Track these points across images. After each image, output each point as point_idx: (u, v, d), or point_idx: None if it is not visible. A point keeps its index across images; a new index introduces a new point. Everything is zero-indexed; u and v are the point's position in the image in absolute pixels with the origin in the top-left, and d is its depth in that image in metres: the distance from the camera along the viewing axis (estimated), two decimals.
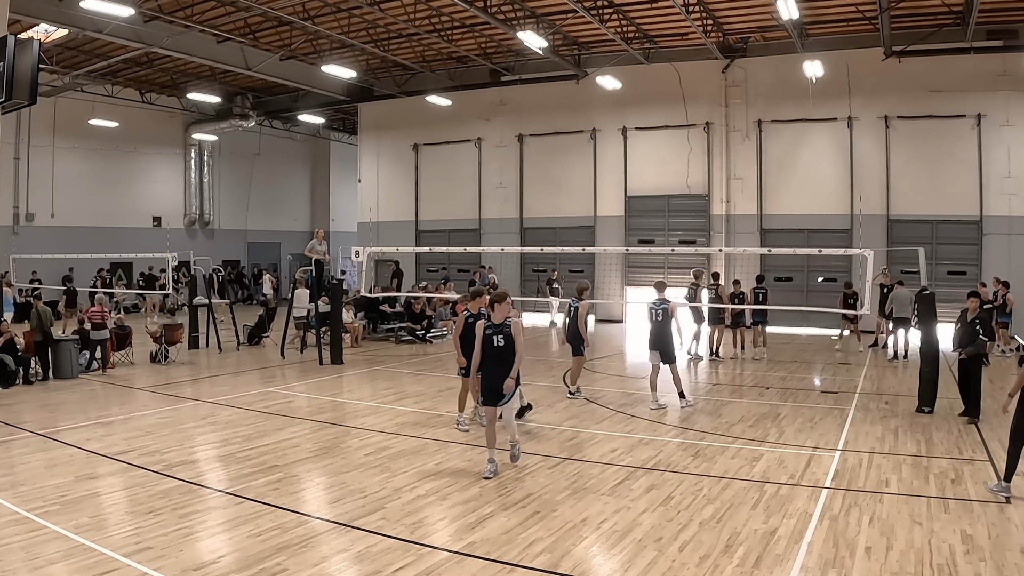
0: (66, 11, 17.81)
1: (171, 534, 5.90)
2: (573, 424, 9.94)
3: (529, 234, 25.78)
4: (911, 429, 9.55)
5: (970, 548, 5.63)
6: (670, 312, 10.97)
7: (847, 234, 20.84)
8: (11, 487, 7.06)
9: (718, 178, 23.12)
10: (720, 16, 20.22)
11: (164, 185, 30.87)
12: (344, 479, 7.46)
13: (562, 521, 6.26)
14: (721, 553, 5.58)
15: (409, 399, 11.83)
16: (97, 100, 26.88)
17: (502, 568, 5.35)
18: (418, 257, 27.78)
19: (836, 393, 12.18)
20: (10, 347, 12.79)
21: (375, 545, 5.74)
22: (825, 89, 20.93)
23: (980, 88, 19.68)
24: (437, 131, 27.68)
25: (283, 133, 34.43)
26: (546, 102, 25.35)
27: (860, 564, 5.35)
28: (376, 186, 29.34)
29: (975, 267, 19.89)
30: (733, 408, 11.02)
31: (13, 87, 10.79)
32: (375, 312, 19.98)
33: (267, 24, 21.28)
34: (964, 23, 18.07)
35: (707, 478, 7.48)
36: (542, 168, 25.90)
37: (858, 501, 6.73)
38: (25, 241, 24.82)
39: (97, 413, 10.64)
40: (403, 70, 26.31)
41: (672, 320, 10.97)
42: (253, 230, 34.64)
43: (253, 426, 9.79)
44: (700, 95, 23.00)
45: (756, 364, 15.53)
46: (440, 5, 19.69)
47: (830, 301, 20.23)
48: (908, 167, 20.82)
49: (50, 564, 5.32)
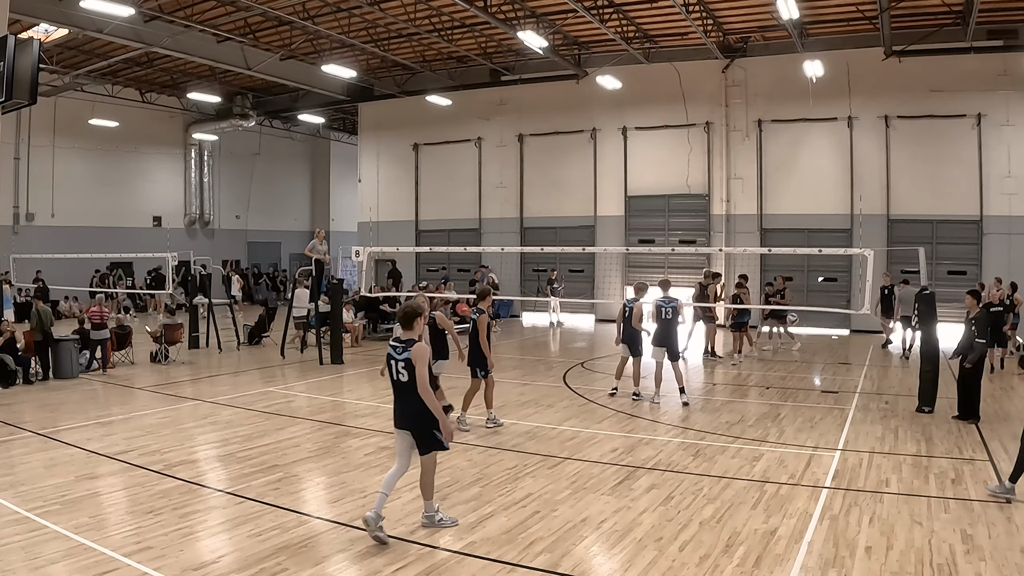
0: (66, 11, 17.81)
1: (171, 534, 5.90)
2: (573, 424, 9.94)
3: (529, 234, 25.77)
4: (911, 429, 9.55)
5: (970, 548, 5.63)
6: (678, 310, 11.26)
7: (847, 234, 20.83)
8: (11, 487, 7.06)
9: (718, 178, 23.11)
10: (720, 16, 20.21)
11: (164, 185, 30.89)
12: (344, 479, 7.46)
13: (562, 521, 6.26)
14: (721, 553, 5.58)
15: None
16: (97, 100, 26.88)
17: (502, 568, 5.35)
18: (418, 257, 27.78)
19: (836, 393, 12.18)
20: (10, 347, 12.80)
21: (375, 545, 5.74)
22: (825, 89, 20.91)
23: (980, 88, 19.67)
24: (437, 131, 27.67)
25: (283, 133, 34.44)
26: (546, 102, 25.34)
27: (860, 564, 5.34)
28: (376, 186, 29.33)
29: (975, 267, 19.88)
30: (733, 408, 11.02)
31: (13, 87, 10.81)
32: (375, 312, 19.98)
33: (267, 24, 21.27)
34: (964, 23, 18.06)
35: (707, 478, 7.48)
36: (542, 168, 25.90)
37: (858, 501, 6.73)
38: (25, 241, 24.82)
39: (97, 413, 10.64)
40: (403, 70, 26.30)
41: (678, 318, 11.22)
42: (253, 230, 34.65)
43: (253, 426, 9.79)
44: (700, 95, 22.99)
45: (754, 364, 15.53)
46: (440, 5, 19.68)
47: (830, 301, 20.29)
48: (908, 167, 20.81)
49: (50, 564, 5.32)
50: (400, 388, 5.97)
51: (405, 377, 5.88)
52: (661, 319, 11.30)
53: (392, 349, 6.00)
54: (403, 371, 5.89)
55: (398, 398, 6.01)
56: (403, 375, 5.89)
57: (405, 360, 5.86)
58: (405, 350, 5.88)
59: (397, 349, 5.95)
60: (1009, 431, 9.39)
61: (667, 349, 11.19)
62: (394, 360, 5.95)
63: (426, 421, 5.86)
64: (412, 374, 5.83)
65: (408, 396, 5.89)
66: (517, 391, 12.27)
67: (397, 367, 5.94)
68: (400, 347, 5.94)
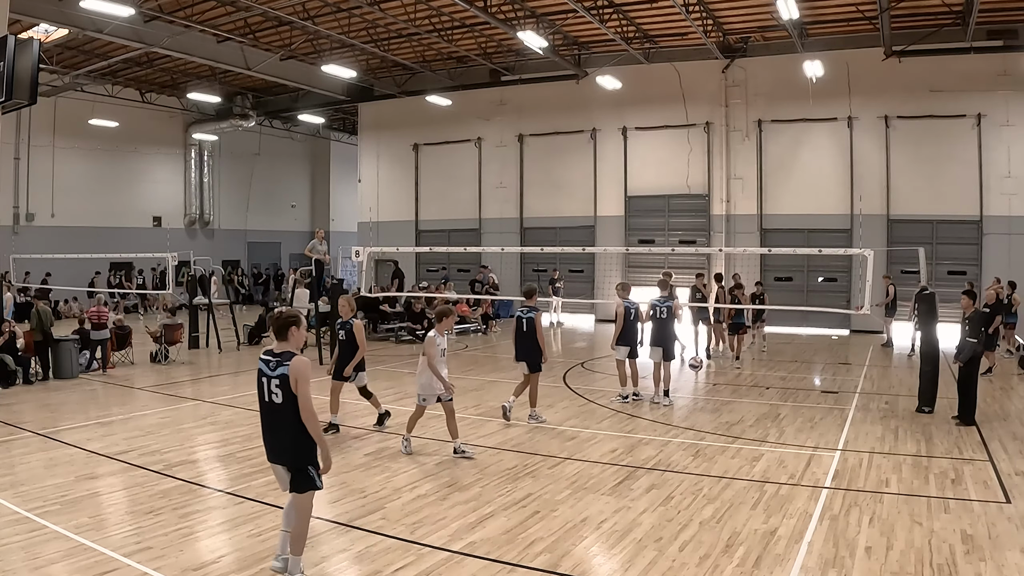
0: (66, 11, 17.81)
1: (171, 534, 5.90)
2: (573, 424, 9.94)
3: (529, 234, 25.78)
4: (911, 429, 9.55)
5: (970, 548, 5.63)
6: (673, 310, 11.26)
7: (847, 234, 20.83)
8: (11, 487, 7.06)
9: (718, 178, 23.11)
10: (720, 16, 20.22)
11: (164, 185, 30.88)
12: (344, 479, 7.46)
13: (562, 521, 6.26)
14: (721, 553, 5.58)
15: (409, 399, 11.76)
16: (97, 100, 26.87)
17: (502, 568, 5.35)
18: (418, 257, 27.78)
19: (836, 393, 12.19)
20: (10, 347, 12.80)
21: (375, 545, 5.74)
22: (825, 89, 20.92)
23: (980, 88, 19.68)
24: (437, 131, 27.67)
25: (283, 133, 34.43)
26: (546, 102, 25.34)
27: (860, 564, 5.34)
28: (376, 186, 29.33)
29: (975, 267, 19.89)
30: (733, 408, 11.02)
31: (13, 87, 10.81)
32: (375, 312, 19.98)
33: (267, 24, 21.27)
34: (964, 23, 18.06)
35: (707, 478, 7.48)
36: (542, 168, 25.90)
37: (858, 501, 6.73)
38: (25, 241, 24.81)
39: (97, 413, 10.64)
40: (403, 70, 26.30)
41: (675, 318, 11.25)
42: (253, 230, 34.65)
43: (253, 426, 9.73)
44: (700, 95, 22.99)
45: (753, 365, 15.52)
46: (440, 5, 19.69)
47: (830, 301, 20.28)
48: (908, 167, 20.82)
49: (50, 564, 5.32)
50: (272, 412, 4.92)
51: (279, 398, 4.86)
52: (656, 319, 11.30)
53: (263, 364, 4.94)
54: (276, 390, 4.85)
55: (268, 424, 4.98)
56: (276, 395, 4.86)
57: (280, 377, 4.83)
58: (280, 365, 4.85)
59: (270, 364, 4.90)
60: (1009, 431, 9.40)
61: (663, 349, 11.24)
62: (266, 377, 4.90)
63: (302, 453, 4.92)
64: (288, 394, 4.84)
65: (282, 422, 4.88)
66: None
67: (269, 386, 4.88)
68: (273, 361, 4.89)
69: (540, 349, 9.85)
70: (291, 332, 4.98)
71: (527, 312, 9.97)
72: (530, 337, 9.89)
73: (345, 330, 9.48)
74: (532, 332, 9.86)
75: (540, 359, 9.89)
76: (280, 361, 4.87)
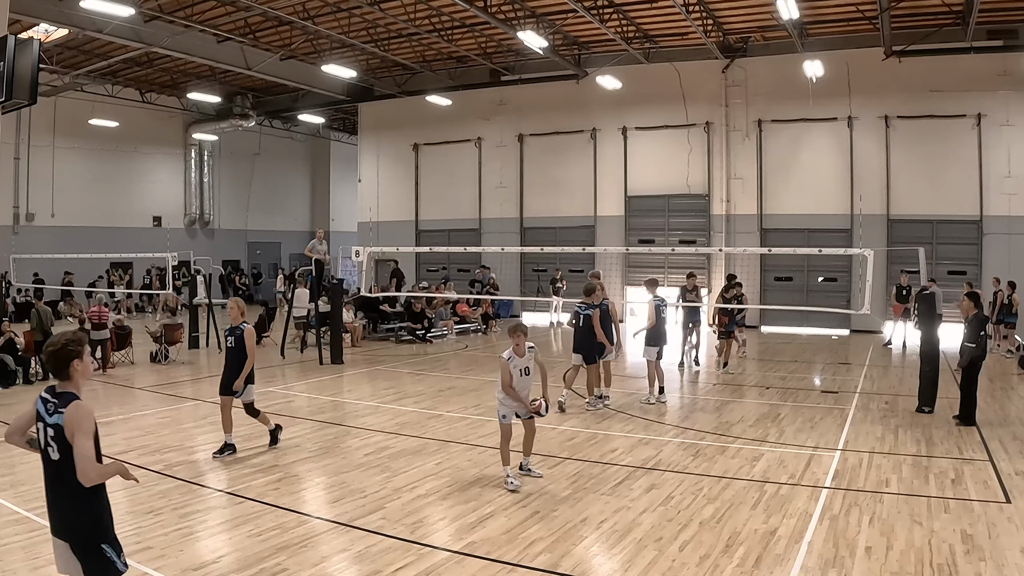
0: (66, 11, 17.80)
1: (171, 534, 5.90)
2: (573, 424, 9.93)
3: (529, 234, 25.77)
4: (911, 429, 9.55)
5: (970, 548, 5.63)
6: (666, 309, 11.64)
7: (847, 234, 20.82)
8: (11, 487, 7.06)
9: (718, 178, 23.11)
10: (720, 16, 20.21)
11: (164, 185, 30.87)
12: (344, 479, 7.46)
13: (562, 521, 6.26)
14: (721, 553, 5.58)
15: (409, 399, 11.83)
16: (97, 100, 26.86)
17: (502, 568, 5.35)
18: (418, 257, 27.78)
19: (836, 393, 12.19)
20: (10, 347, 12.80)
21: (375, 545, 5.74)
22: (825, 89, 20.91)
23: (980, 88, 19.67)
24: (437, 131, 27.66)
25: (283, 133, 34.42)
26: (546, 102, 25.33)
27: (860, 564, 5.34)
28: (376, 186, 29.33)
29: (975, 267, 19.89)
30: (733, 408, 11.03)
31: (13, 87, 10.81)
32: (375, 312, 19.99)
33: (267, 24, 21.27)
34: (964, 23, 18.06)
35: (707, 478, 7.48)
36: (542, 168, 25.89)
37: (858, 501, 6.73)
38: (25, 241, 24.81)
39: (97, 413, 10.55)
40: (403, 70, 26.30)
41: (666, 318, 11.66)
42: (253, 230, 34.66)
43: (253, 426, 9.76)
44: (700, 95, 22.98)
45: (753, 365, 15.51)
46: (440, 5, 19.68)
47: (831, 301, 20.28)
48: (908, 167, 20.81)
49: (50, 564, 5.26)
50: (51, 469, 3.66)
51: (55, 452, 3.60)
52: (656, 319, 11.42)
53: (40, 405, 3.73)
54: (52, 442, 3.61)
55: (48, 486, 3.71)
56: (52, 448, 3.61)
57: (55, 428, 3.59)
58: (57, 410, 3.62)
59: (48, 406, 3.68)
60: (1008, 432, 9.40)
61: (659, 349, 11.36)
62: (42, 423, 3.69)
63: (88, 528, 3.63)
64: (64, 448, 3.57)
65: (62, 486, 3.62)
66: None
67: (46, 436, 3.65)
68: (52, 404, 3.67)
69: (598, 343, 10.48)
70: (73, 368, 3.72)
71: (584, 308, 10.59)
72: (587, 332, 10.52)
73: (234, 336, 8.28)
74: (589, 327, 10.49)
75: (595, 352, 10.53)
76: (58, 405, 3.63)
